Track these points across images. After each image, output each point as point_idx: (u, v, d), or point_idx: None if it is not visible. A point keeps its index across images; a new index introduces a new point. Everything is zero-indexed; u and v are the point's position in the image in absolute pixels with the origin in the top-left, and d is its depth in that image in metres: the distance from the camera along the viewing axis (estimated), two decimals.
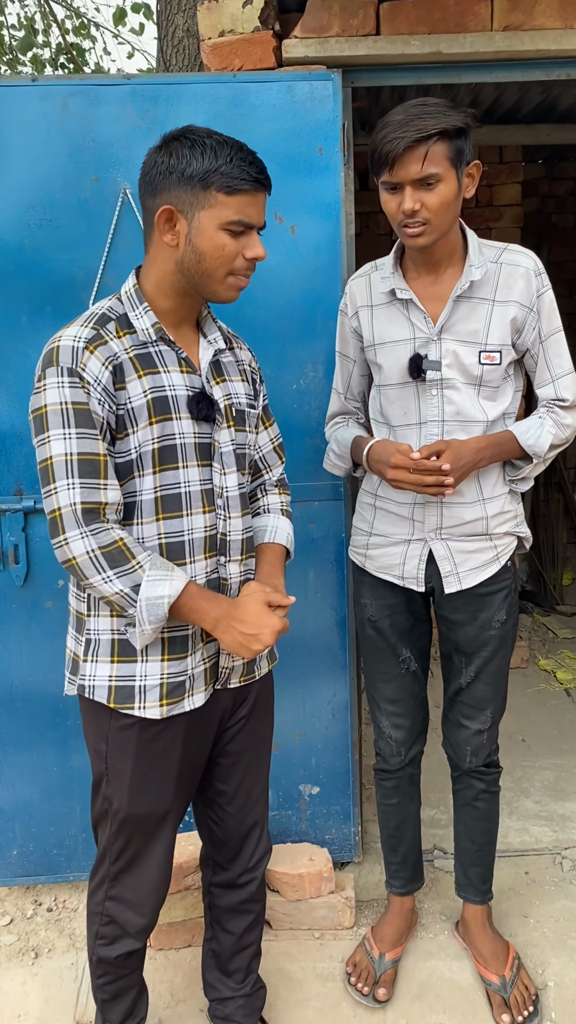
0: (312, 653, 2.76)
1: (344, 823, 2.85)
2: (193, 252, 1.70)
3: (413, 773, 2.48)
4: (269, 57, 2.60)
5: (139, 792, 1.85)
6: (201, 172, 1.64)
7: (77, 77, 2.58)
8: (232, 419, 1.88)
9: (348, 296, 2.28)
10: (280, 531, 2.03)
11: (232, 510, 1.87)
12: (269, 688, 2.09)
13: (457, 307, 2.10)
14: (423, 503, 2.19)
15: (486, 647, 2.26)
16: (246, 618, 1.75)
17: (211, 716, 1.92)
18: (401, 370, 2.15)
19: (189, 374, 1.81)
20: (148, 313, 1.77)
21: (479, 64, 2.63)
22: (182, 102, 2.54)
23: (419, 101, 1.95)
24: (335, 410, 2.41)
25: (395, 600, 2.30)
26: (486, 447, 2.10)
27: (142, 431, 1.73)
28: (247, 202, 1.68)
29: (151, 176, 1.73)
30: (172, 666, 1.80)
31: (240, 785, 2.05)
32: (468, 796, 2.44)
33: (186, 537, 1.80)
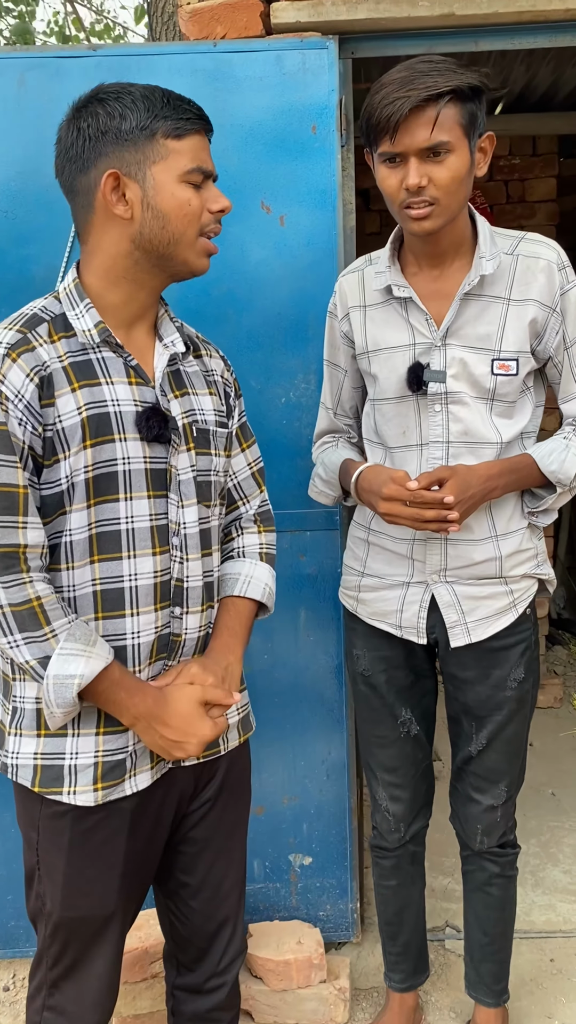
0: (304, 705, 2.42)
1: (340, 898, 2.50)
2: (155, 217, 1.43)
3: (415, 851, 2.13)
4: (256, 23, 2.28)
5: (75, 892, 1.53)
6: (142, 121, 1.41)
7: (36, 49, 2.28)
8: (193, 440, 1.55)
9: (337, 295, 1.94)
10: (255, 582, 1.69)
11: (191, 550, 1.55)
12: (243, 763, 1.75)
13: (465, 307, 1.76)
14: (424, 540, 1.84)
15: (500, 710, 1.91)
16: (171, 720, 1.45)
17: (166, 799, 1.60)
18: (399, 382, 1.81)
19: (139, 386, 1.50)
20: (91, 311, 1.47)
21: (499, 28, 2.29)
22: (155, 75, 2.22)
23: (425, 57, 1.63)
24: (323, 428, 2.08)
25: (392, 652, 1.95)
26: (499, 474, 1.75)
27: (74, 457, 1.42)
28: (199, 145, 1.46)
29: (76, 150, 1.45)
30: (109, 741, 1.49)
31: (207, 877, 1.71)
32: (479, 880, 2.08)
33: (127, 584, 1.48)
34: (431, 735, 2.06)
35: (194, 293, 2.28)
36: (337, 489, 1.96)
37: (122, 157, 1.41)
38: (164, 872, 1.71)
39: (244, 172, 2.24)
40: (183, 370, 1.59)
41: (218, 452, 1.62)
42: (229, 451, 1.68)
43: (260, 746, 2.40)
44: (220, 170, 2.23)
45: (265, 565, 1.73)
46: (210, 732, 1.48)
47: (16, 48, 2.34)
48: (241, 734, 1.70)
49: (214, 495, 1.61)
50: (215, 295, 2.28)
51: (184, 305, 2.28)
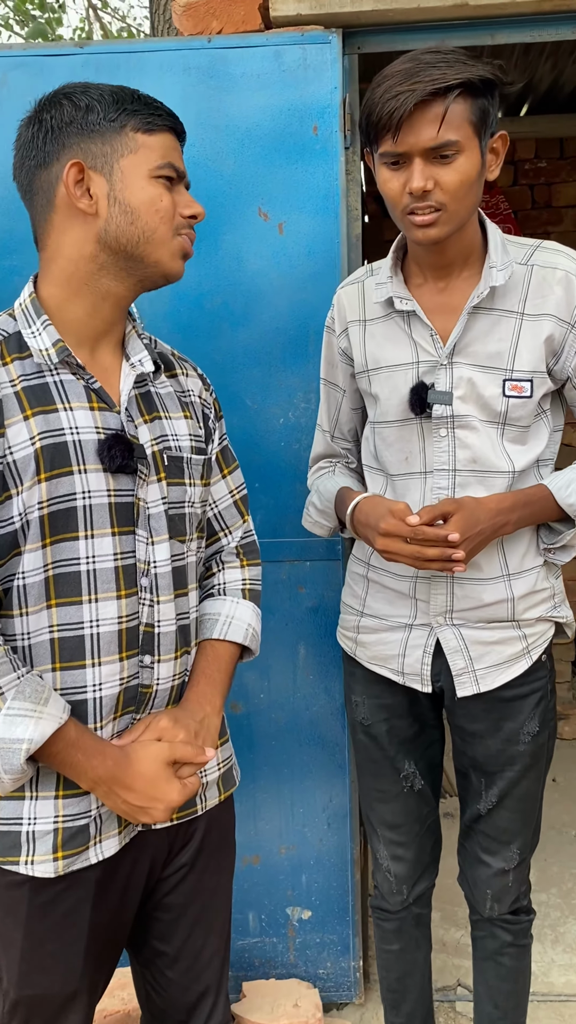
0: (303, 748, 2.25)
1: (341, 956, 2.32)
2: (123, 213, 1.29)
3: (420, 914, 1.95)
4: (254, 17, 2.13)
5: (34, 969, 1.37)
6: (111, 113, 1.29)
7: (19, 46, 2.14)
8: (164, 469, 1.39)
9: (335, 308, 1.78)
10: (236, 623, 1.52)
11: (162, 591, 1.38)
12: (225, 822, 1.58)
13: (474, 322, 1.59)
14: (428, 578, 1.67)
15: (512, 766, 1.73)
16: (134, 784, 1.29)
17: (136, 866, 1.43)
18: (400, 403, 1.64)
19: (103, 411, 1.34)
20: (48, 328, 1.31)
21: (517, 19, 2.12)
22: (146, 73, 2.08)
23: (432, 47, 1.47)
24: (320, 452, 1.91)
25: (393, 700, 1.78)
26: (511, 508, 1.58)
27: (28, 492, 1.26)
28: (171, 143, 1.34)
29: (36, 143, 1.32)
30: (70, 805, 1.32)
31: (184, 946, 1.54)
32: (490, 948, 1.90)
33: (88, 631, 1.31)
34: (437, 788, 1.88)
35: (187, 306, 2.13)
36: (333, 520, 1.79)
37: (88, 149, 1.28)
38: (138, 939, 1.55)
39: (240, 176, 2.09)
40: (154, 391, 1.43)
41: (193, 481, 1.45)
42: (208, 479, 1.52)
43: (256, 791, 2.25)
44: (215, 174, 2.10)
45: (248, 603, 1.56)
46: (178, 797, 1.32)
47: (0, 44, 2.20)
48: (222, 791, 1.54)
49: (190, 529, 1.45)
50: (209, 308, 2.13)
51: (176, 319, 2.13)
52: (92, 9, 7.21)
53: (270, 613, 2.19)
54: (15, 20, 7.27)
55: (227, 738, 1.57)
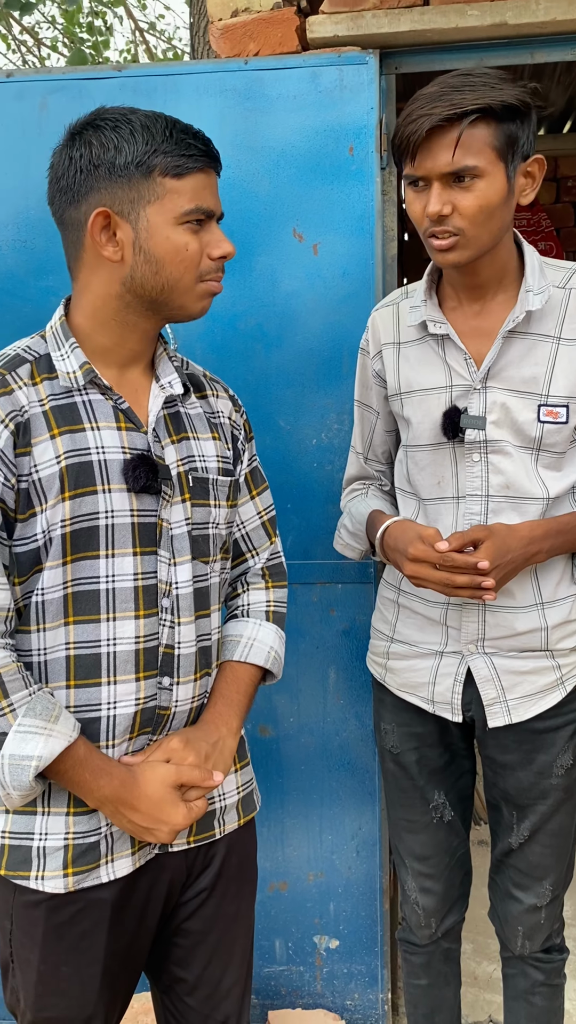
0: (333, 774, 2.21)
1: (370, 987, 2.27)
2: (147, 262, 1.28)
3: (449, 948, 1.90)
4: (291, 39, 2.12)
5: (49, 992, 1.37)
6: (139, 156, 1.26)
7: (59, 70, 2.16)
8: (189, 490, 1.38)
9: (370, 330, 1.76)
10: (258, 645, 1.50)
11: (183, 613, 1.37)
12: (247, 847, 1.55)
13: (509, 346, 1.56)
14: (460, 605, 1.64)
15: (544, 800, 1.68)
16: (140, 805, 1.28)
17: (153, 889, 1.42)
18: (433, 427, 1.62)
19: (130, 431, 1.34)
20: (76, 351, 1.32)
21: (558, 38, 2.09)
22: (182, 95, 2.09)
23: (463, 70, 1.46)
24: (353, 474, 1.89)
25: (423, 729, 1.74)
26: (544, 536, 1.54)
27: (51, 509, 1.27)
28: (201, 184, 1.30)
29: (67, 180, 1.31)
30: (81, 822, 1.32)
31: (204, 973, 1.52)
32: (521, 987, 1.84)
33: (104, 649, 1.31)
34: (468, 820, 1.84)
35: (220, 327, 2.12)
36: (364, 543, 1.77)
37: (114, 194, 1.27)
38: (158, 964, 1.53)
39: (275, 197, 2.09)
40: (183, 412, 1.43)
41: (219, 503, 1.44)
42: (235, 500, 1.51)
43: (285, 816, 2.23)
44: (250, 195, 2.10)
45: (272, 626, 1.54)
46: (183, 820, 1.30)
47: (39, 70, 2.22)
48: (242, 815, 1.51)
49: (213, 549, 1.44)
50: (242, 329, 2.12)
51: (210, 340, 2.13)
52: (139, 32, 7.31)
53: (301, 636, 2.17)
54: (64, 43, 7.40)
55: (247, 761, 1.54)
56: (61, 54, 7.13)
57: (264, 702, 2.20)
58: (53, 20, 7.30)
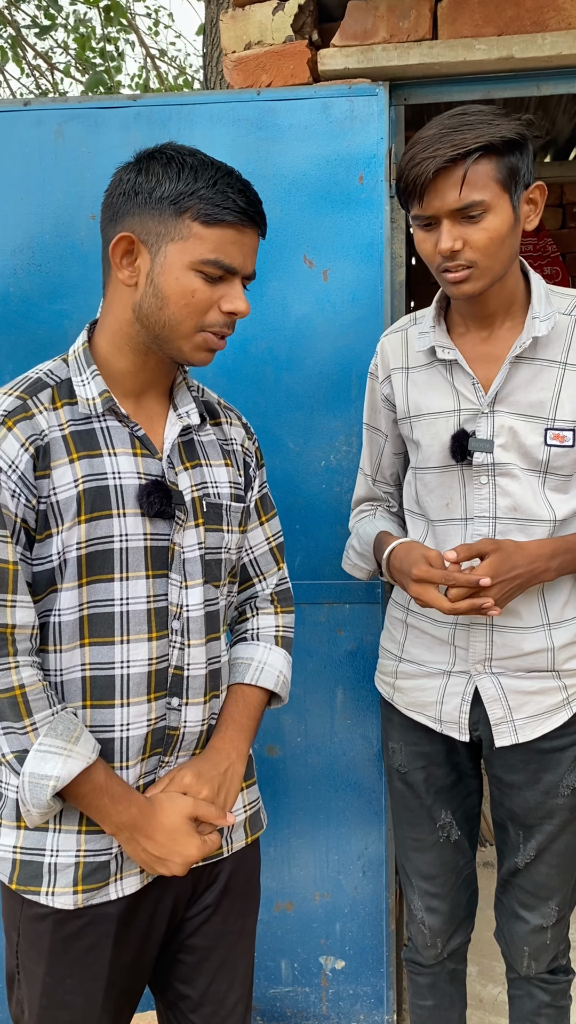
0: (339, 794, 2.23)
1: (375, 1008, 2.28)
2: (154, 295, 1.30)
3: (455, 969, 1.90)
4: (303, 71, 2.17)
5: (55, 1004, 1.38)
6: (174, 193, 1.27)
7: (75, 99, 2.21)
8: (203, 515, 1.41)
9: (379, 356, 1.79)
10: (268, 669, 1.53)
11: (193, 635, 1.40)
12: (251, 865, 1.57)
13: (516, 371, 1.59)
14: (468, 624, 1.66)
15: (551, 819, 1.69)
16: (155, 835, 1.31)
17: (159, 906, 1.44)
18: (442, 450, 1.65)
19: (145, 458, 1.37)
20: (96, 379, 1.35)
21: (563, 71, 2.14)
22: (196, 125, 2.14)
23: (458, 110, 1.49)
24: (361, 495, 1.92)
25: (431, 748, 1.76)
26: (552, 554, 1.57)
27: (67, 532, 1.29)
28: (231, 239, 1.30)
29: (113, 197, 1.33)
30: (92, 840, 1.34)
31: (208, 990, 1.53)
32: (527, 1009, 1.85)
33: (119, 671, 1.34)
34: (475, 840, 1.85)
35: (231, 351, 2.16)
36: (372, 563, 1.79)
37: (144, 223, 1.29)
38: (162, 980, 1.54)
39: (286, 224, 2.13)
40: (197, 440, 1.46)
41: (231, 528, 1.47)
42: (245, 526, 1.54)
43: (291, 836, 2.24)
44: None
45: (281, 650, 1.57)
46: (197, 853, 1.33)
47: (55, 99, 2.27)
48: (249, 834, 1.53)
49: (223, 574, 1.47)
50: (253, 353, 2.16)
51: (220, 363, 2.16)
52: (150, 58, 7.42)
53: (308, 655, 2.19)
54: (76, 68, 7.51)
55: (254, 780, 1.56)
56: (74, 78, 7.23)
57: (272, 722, 2.21)
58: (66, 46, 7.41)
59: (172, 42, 8.74)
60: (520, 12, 2.08)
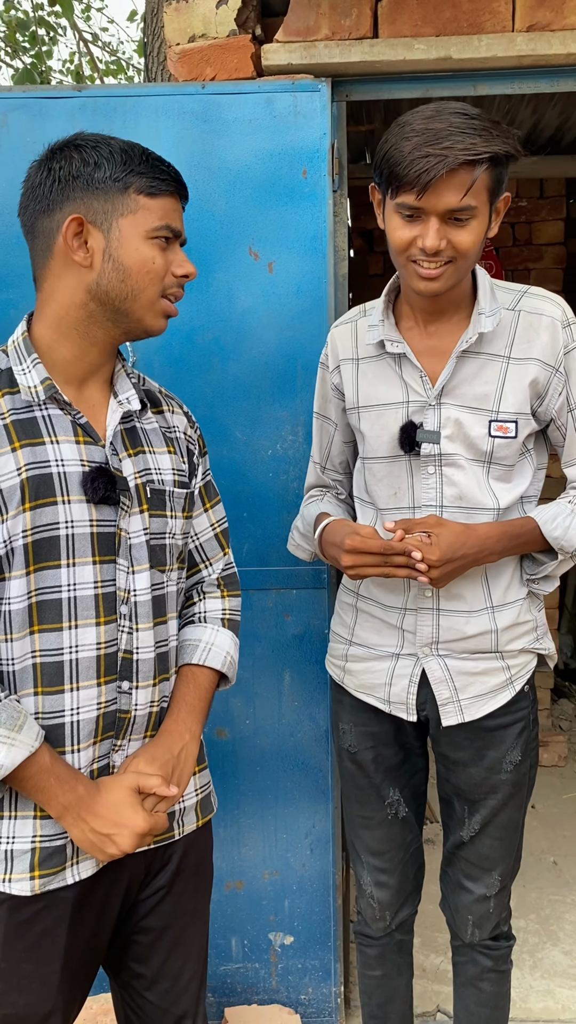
0: (288, 774, 2.28)
1: (323, 981, 2.35)
2: (115, 270, 1.35)
3: (403, 940, 1.98)
4: (247, 65, 2.20)
5: (10, 988, 1.40)
6: (116, 172, 1.35)
7: (20, 88, 2.20)
8: (147, 501, 1.45)
9: (329, 346, 1.84)
10: (215, 650, 1.57)
11: (141, 619, 1.43)
12: (203, 846, 1.61)
13: (462, 365, 1.65)
14: (415, 609, 1.72)
15: (495, 794, 1.77)
16: (101, 811, 1.34)
17: (113, 888, 1.47)
18: (390, 440, 1.70)
19: (88, 445, 1.40)
20: (37, 367, 1.37)
21: (498, 72, 2.20)
22: (141, 117, 2.14)
23: (457, 108, 1.50)
24: (311, 482, 1.97)
25: (380, 728, 1.82)
26: (498, 537, 1.64)
27: (12, 520, 1.32)
28: (171, 206, 1.40)
29: (43, 190, 1.37)
30: (48, 825, 1.37)
31: (163, 968, 1.57)
32: (471, 974, 1.93)
33: (67, 656, 1.37)
34: (421, 816, 1.92)
35: (178, 340, 2.18)
36: (313, 544, 1.85)
37: (90, 204, 1.34)
38: (117, 961, 1.58)
39: (231, 217, 2.15)
40: (139, 427, 1.49)
41: (175, 514, 1.51)
42: (190, 512, 1.57)
43: (240, 816, 2.29)
44: (207, 214, 2.17)
45: (228, 632, 1.61)
46: (144, 824, 1.35)
47: (1, 87, 2.26)
48: (200, 816, 1.57)
49: (170, 559, 1.50)
50: (200, 343, 2.19)
51: (168, 352, 2.18)
52: (83, 43, 7.29)
53: (256, 640, 2.23)
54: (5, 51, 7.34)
55: (205, 765, 1.60)
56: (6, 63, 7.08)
57: (221, 705, 2.25)
58: None
59: (104, 28, 8.58)
60: (457, 14, 2.14)
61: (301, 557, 1.93)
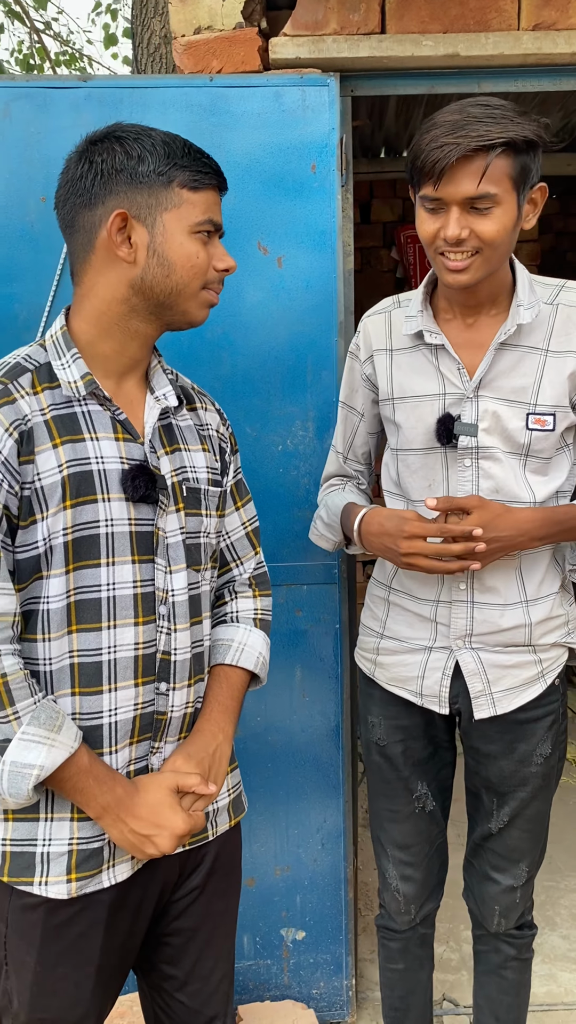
0: (299, 770, 2.28)
1: (335, 975, 2.35)
2: (160, 265, 1.34)
3: (425, 934, 2.00)
4: (254, 58, 2.18)
5: (45, 992, 1.38)
6: (160, 166, 1.32)
7: (22, 77, 2.16)
8: (183, 500, 1.43)
9: (361, 336, 1.83)
10: (248, 650, 1.56)
11: (179, 619, 1.42)
12: (234, 846, 1.60)
13: (500, 357, 1.67)
14: (449, 602, 1.73)
15: (524, 787, 1.80)
16: (140, 812, 1.32)
17: (148, 890, 1.45)
18: (427, 433, 1.71)
19: (127, 442, 1.38)
20: (77, 362, 1.35)
21: (503, 70, 2.23)
22: (149, 109, 2.12)
23: (480, 100, 1.52)
24: (331, 472, 1.97)
25: (410, 722, 1.83)
26: (541, 522, 1.64)
27: (52, 518, 1.29)
28: (213, 200, 1.39)
29: (84, 184, 1.34)
30: (85, 828, 1.34)
31: (194, 969, 1.55)
32: (494, 962, 1.96)
33: (106, 656, 1.35)
34: (447, 810, 1.94)
35: (187, 334, 2.14)
36: (338, 534, 1.85)
37: (133, 199, 1.32)
38: (147, 963, 1.56)
39: (241, 211, 2.14)
40: (175, 424, 1.47)
41: (209, 512, 1.50)
42: (222, 510, 1.56)
43: (252, 814, 2.28)
44: None
45: (260, 632, 1.60)
46: (183, 825, 1.34)
47: (3, 76, 2.21)
48: (232, 816, 1.56)
49: (204, 558, 1.49)
50: (209, 338, 2.17)
51: (177, 348, 2.16)
52: (34, 32, 7.14)
53: None
54: None
55: (236, 765, 1.59)
56: None
57: None
58: None
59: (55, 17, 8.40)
60: (464, 11, 2.16)
61: (324, 547, 1.92)
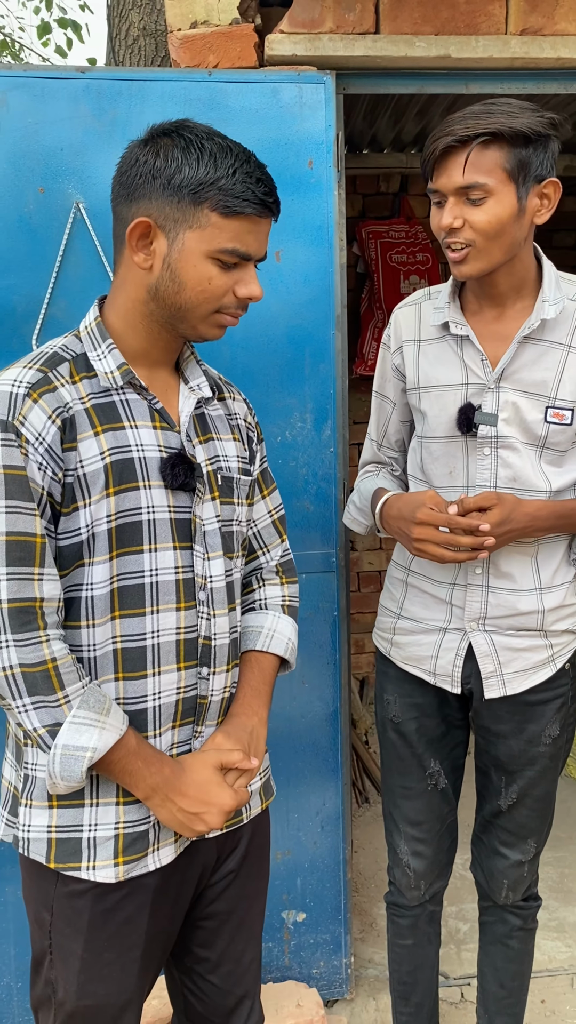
0: (298, 755, 2.33)
1: (334, 954, 2.41)
2: (172, 280, 1.33)
3: (434, 911, 2.06)
4: (250, 54, 2.21)
5: (92, 978, 1.40)
6: (194, 182, 1.28)
7: (21, 67, 2.14)
8: (217, 488, 1.47)
9: (392, 327, 1.89)
10: (278, 636, 1.60)
11: (217, 605, 1.45)
12: (264, 830, 1.65)
13: (523, 350, 1.73)
14: (464, 585, 1.80)
15: (532, 766, 1.87)
16: (188, 790, 1.36)
17: (188, 874, 1.48)
18: (449, 421, 1.77)
19: (164, 430, 1.40)
20: (113, 352, 1.37)
21: (490, 72, 2.30)
22: (147, 102, 2.13)
23: (492, 100, 1.59)
24: (367, 458, 2.04)
25: (424, 700, 1.90)
26: (548, 515, 1.72)
27: (95, 505, 1.31)
28: (247, 228, 1.32)
29: (129, 176, 1.33)
30: (131, 811, 1.37)
31: (227, 951, 1.59)
32: (500, 933, 2.04)
33: (149, 642, 1.37)
34: (459, 789, 2.00)
35: None
36: (370, 518, 1.91)
37: (162, 208, 1.30)
38: (180, 947, 1.59)
39: None
40: (208, 414, 1.51)
41: (240, 501, 1.53)
42: (251, 499, 1.60)
43: None
44: None
45: (288, 618, 1.64)
46: (231, 801, 1.38)
47: (1, 65, 2.19)
48: (263, 800, 1.61)
49: (236, 546, 1.53)
50: None
51: None
52: None
53: None
54: None
55: (266, 749, 1.63)
56: None
57: None
58: None
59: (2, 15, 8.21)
60: (455, 14, 2.22)
61: (357, 531, 1.99)
